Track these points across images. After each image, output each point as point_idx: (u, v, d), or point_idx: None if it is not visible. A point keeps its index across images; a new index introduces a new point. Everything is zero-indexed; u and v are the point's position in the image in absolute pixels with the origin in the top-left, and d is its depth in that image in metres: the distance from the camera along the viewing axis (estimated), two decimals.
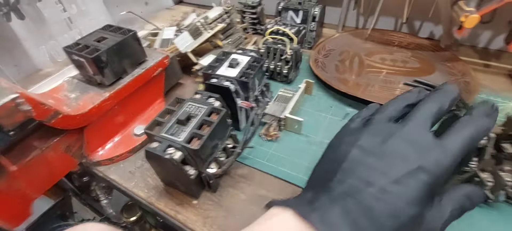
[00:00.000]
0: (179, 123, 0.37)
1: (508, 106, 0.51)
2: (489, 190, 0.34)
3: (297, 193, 0.40)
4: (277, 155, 0.45)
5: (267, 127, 0.47)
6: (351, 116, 0.51)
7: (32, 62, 0.71)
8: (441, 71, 0.59)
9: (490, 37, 0.66)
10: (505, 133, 0.34)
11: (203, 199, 0.41)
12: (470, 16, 0.47)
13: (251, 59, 0.47)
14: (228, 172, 0.43)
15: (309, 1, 0.69)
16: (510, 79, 0.58)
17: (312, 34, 0.69)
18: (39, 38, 0.69)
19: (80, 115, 0.42)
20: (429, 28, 0.71)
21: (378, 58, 0.64)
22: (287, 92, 0.51)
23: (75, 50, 0.43)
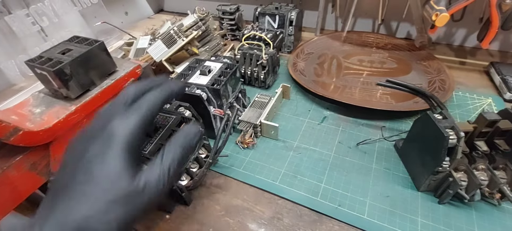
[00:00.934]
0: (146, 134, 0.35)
1: (485, 102, 0.52)
2: (463, 190, 0.33)
3: (274, 201, 0.39)
4: (254, 162, 0.44)
5: (243, 134, 0.46)
6: (329, 118, 0.51)
7: (4, 77, 0.69)
8: (417, 71, 0.59)
9: (465, 35, 0.67)
10: (478, 130, 0.34)
11: (177, 213, 0.39)
12: (440, 15, 0.48)
13: (224, 65, 0.46)
14: (203, 182, 0.42)
15: (286, 6, 0.69)
16: (485, 76, 0.59)
17: (291, 38, 0.69)
18: (10, 52, 0.67)
19: (43, 131, 0.40)
20: (405, 28, 0.72)
21: (356, 60, 0.64)
22: (264, 98, 0.51)
23: (37, 63, 0.41)
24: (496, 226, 0.34)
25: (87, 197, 0.20)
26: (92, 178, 0.20)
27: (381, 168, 0.41)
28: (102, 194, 0.20)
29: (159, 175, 0.21)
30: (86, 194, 0.20)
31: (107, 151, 0.21)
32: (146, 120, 0.23)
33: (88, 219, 0.19)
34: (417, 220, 0.35)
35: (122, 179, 0.20)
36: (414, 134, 0.39)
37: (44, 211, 0.20)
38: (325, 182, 0.40)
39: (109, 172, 0.20)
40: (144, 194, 0.21)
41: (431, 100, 0.38)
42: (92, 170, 0.20)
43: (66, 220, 0.19)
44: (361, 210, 0.36)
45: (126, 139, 0.21)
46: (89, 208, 0.19)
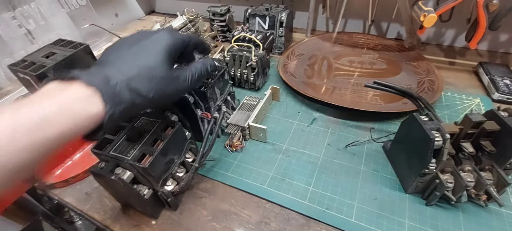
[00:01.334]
0: (129, 140, 0.34)
1: (474, 102, 0.52)
2: (450, 192, 0.33)
3: (262, 205, 0.39)
4: (242, 166, 0.43)
5: (231, 137, 0.45)
6: (318, 120, 0.51)
7: None
8: (407, 71, 0.59)
9: (454, 35, 0.68)
10: (464, 131, 0.34)
11: (163, 218, 0.38)
12: (428, 16, 0.48)
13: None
14: (190, 187, 0.41)
15: (277, 7, 0.69)
16: (474, 76, 0.59)
17: (281, 39, 0.68)
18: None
19: None
20: (395, 29, 0.72)
21: (346, 61, 0.64)
22: (253, 100, 0.50)
23: (20, 67, 0.40)
24: (483, 227, 0.34)
25: (135, 66, 0.27)
26: (141, 57, 0.27)
27: (370, 170, 0.41)
28: (147, 69, 0.27)
29: (186, 75, 0.31)
30: (135, 64, 0.27)
31: (157, 46, 0.29)
32: (185, 42, 0.31)
33: (132, 79, 0.26)
34: (405, 223, 0.35)
35: (162, 66, 0.28)
36: (401, 135, 0.39)
37: (94, 69, 0.26)
38: (313, 185, 0.40)
39: (154, 58, 0.28)
40: (175, 81, 0.29)
41: (418, 102, 0.38)
42: (142, 52, 0.28)
43: (113, 74, 0.25)
44: (348, 213, 0.36)
45: (170, 43, 0.29)
46: (137, 74, 0.26)
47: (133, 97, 0.26)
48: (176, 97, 0.31)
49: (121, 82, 0.25)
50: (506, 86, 0.51)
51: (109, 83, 0.25)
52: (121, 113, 0.26)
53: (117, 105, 0.25)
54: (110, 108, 0.24)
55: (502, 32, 0.63)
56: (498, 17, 0.49)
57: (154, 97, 0.27)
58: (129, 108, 0.26)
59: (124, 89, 0.25)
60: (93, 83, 0.24)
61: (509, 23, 0.58)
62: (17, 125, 0.21)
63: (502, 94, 0.50)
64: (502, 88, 0.50)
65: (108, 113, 0.24)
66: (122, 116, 0.26)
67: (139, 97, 0.26)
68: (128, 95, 0.26)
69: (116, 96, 0.25)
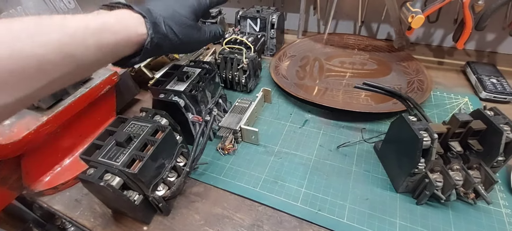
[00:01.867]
0: (119, 145, 0.34)
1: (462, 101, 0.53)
2: (440, 191, 0.34)
3: (254, 208, 0.39)
4: (234, 169, 0.43)
5: (223, 140, 0.45)
6: (310, 122, 0.51)
7: None
8: (397, 72, 0.60)
9: (442, 35, 0.69)
10: (451, 131, 0.34)
11: (155, 223, 0.38)
12: (416, 17, 0.49)
13: (202, 71, 0.46)
14: (182, 191, 0.41)
15: (268, 9, 0.69)
16: (462, 75, 0.60)
17: (273, 41, 0.69)
18: None
19: (12, 144, 0.38)
20: (385, 29, 0.73)
21: (337, 62, 0.65)
22: (244, 102, 0.50)
23: None
24: (472, 225, 0.34)
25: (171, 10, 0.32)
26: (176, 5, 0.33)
27: (361, 170, 0.41)
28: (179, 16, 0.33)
29: (206, 30, 0.38)
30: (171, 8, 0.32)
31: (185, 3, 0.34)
32: (207, 4, 0.37)
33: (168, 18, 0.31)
34: (396, 222, 0.35)
35: (191, 17, 0.34)
36: (391, 136, 0.39)
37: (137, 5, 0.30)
38: (305, 187, 0.40)
39: (186, 9, 0.34)
40: (199, 32, 0.36)
41: (407, 102, 0.39)
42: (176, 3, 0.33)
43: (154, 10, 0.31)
44: (340, 214, 0.36)
45: (194, 4, 0.35)
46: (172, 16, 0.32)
47: (168, 32, 0.31)
48: (198, 45, 0.37)
49: (160, 16, 0.30)
50: (493, 85, 0.52)
51: (152, 14, 0.30)
52: (158, 41, 0.30)
53: (156, 33, 0.30)
54: (152, 32, 0.29)
55: (488, 32, 0.64)
56: (483, 18, 0.50)
57: (183, 39, 0.33)
58: (163, 40, 0.31)
59: (162, 23, 0.31)
60: (139, 11, 0.29)
61: (495, 23, 0.60)
62: (87, 25, 0.25)
63: (489, 93, 0.51)
64: (489, 87, 0.52)
65: (150, 37, 0.29)
66: (158, 45, 0.31)
67: (172, 34, 0.32)
68: (165, 29, 0.31)
69: (157, 25, 0.30)
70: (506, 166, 0.38)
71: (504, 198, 0.37)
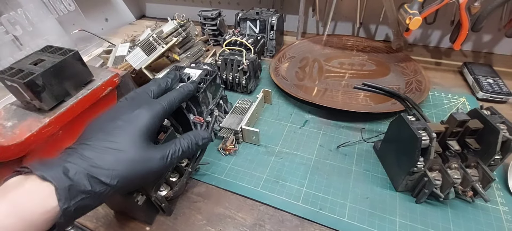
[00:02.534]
0: None
1: (459, 101, 0.53)
2: (438, 189, 0.34)
3: (256, 208, 0.39)
4: (236, 169, 0.44)
5: (224, 140, 0.46)
6: (310, 122, 0.51)
7: None
8: (395, 72, 0.60)
9: (440, 36, 0.70)
10: (449, 130, 0.35)
11: (157, 224, 0.38)
12: (413, 18, 0.49)
13: (203, 72, 0.46)
14: (184, 192, 0.41)
15: (267, 11, 0.69)
16: (459, 76, 0.61)
17: (273, 43, 0.69)
18: None
19: (15, 145, 0.38)
20: (383, 31, 0.74)
21: (336, 63, 0.65)
22: (245, 103, 0.51)
23: (8, 75, 0.39)
24: (470, 222, 0.35)
25: (101, 150, 0.26)
26: (114, 142, 0.26)
27: (361, 169, 0.42)
28: (114, 153, 0.26)
29: (165, 153, 0.29)
30: (101, 147, 0.26)
31: (130, 127, 0.28)
32: (165, 113, 0.32)
33: (94, 167, 0.25)
34: (396, 220, 0.35)
35: (133, 148, 0.27)
36: (390, 135, 0.40)
37: (71, 152, 0.26)
38: (306, 186, 0.40)
39: (127, 142, 0.27)
40: (148, 162, 0.28)
41: (406, 102, 0.39)
42: (117, 135, 0.27)
43: (74, 162, 0.24)
44: (341, 213, 0.37)
45: (147, 122, 0.29)
46: (100, 159, 0.25)
47: (93, 187, 0.24)
48: (149, 179, 0.29)
49: (80, 172, 0.24)
50: (489, 85, 0.53)
51: (68, 175, 0.23)
52: (78, 205, 0.24)
53: (73, 198, 0.23)
54: (64, 203, 0.23)
55: (484, 33, 0.65)
56: (479, 19, 0.51)
57: (119, 184, 0.26)
58: (89, 199, 0.24)
59: (83, 179, 0.24)
60: (48, 177, 0.23)
61: (491, 24, 0.61)
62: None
63: (486, 93, 0.52)
64: (486, 87, 0.52)
65: (62, 208, 0.22)
66: (81, 208, 0.24)
67: (100, 186, 0.25)
68: (88, 184, 0.24)
69: (73, 188, 0.23)
70: (503, 164, 0.39)
71: (501, 196, 0.37)
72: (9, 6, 0.66)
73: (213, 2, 0.91)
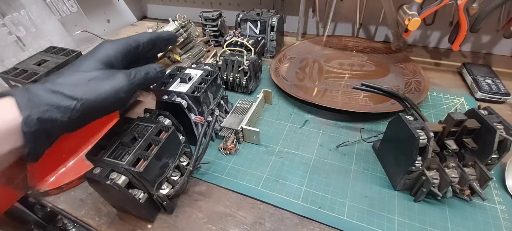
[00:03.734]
0: (124, 145, 0.35)
1: (458, 102, 0.54)
2: (436, 188, 0.35)
3: (256, 206, 0.39)
4: (236, 168, 0.44)
5: (225, 140, 0.46)
6: (310, 122, 0.52)
7: None
8: (394, 73, 0.61)
9: (439, 37, 0.70)
10: (447, 130, 0.36)
11: (159, 222, 0.39)
12: (412, 19, 0.50)
13: (204, 72, 0.47)
14: (185, 190, 0.42)
15: (267, 12, 0.70)
16: (458, 76, 0.61)
17: (273, 43, 0.70)
18: None
19: None
20: (383, 31, 0.74)
21: (336, 64, 0.66)
22: (245, 103, 0.51)
23: (12, 75, 0.40)
24: (468, 221, 0.35)
25: (66, 72, 0.26)
26: (78, 68, 0.27)
27: (360, 169, 0.42)
28: (77, 74, 0.26)
29: (128, 73, 0.29)
30: (66, 71, 0.27)
31: (93, 55, 0.28)
32: (130, 45, 0.31)
33: (57, 84, 0.25)
34: (394, 219, 0.36)
35: (96, 69, 0.27)
36: (388, 135, 0.40)
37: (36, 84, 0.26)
38: (306, 185, 0.41)
39: (88, 62, 0.27)
40: (111, 79, 0.27)
41: (404, 102, 0.40)
42: (80, 64, 0.27)
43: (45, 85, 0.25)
44: (340, 211, 0.37)
45: (109, 51, 0.29)
46: (64, 78, 0.26)
47: (57, 100, 0.24)
48: (115, 102, 0.28)
49: (42, 87, 0.24)
50: (488, 85, 0.53)
51: (29, 90, 0.24)
52: (43, 117, 0.23)
53: (34, 107, 0.23)
54: (25, 110, 0.22)
55: (483, 34, 0.65)
56: (478, 20, 0.52)
57: (84, 100, 0.25)
58: (55, 111, 0.24)
59: (46, 93, 0.24)
60: (10, 93, 0.23)
61: (489, 25, 0.61)
62: None
63: (485, 93, 0.52)
64: (484, 87, 0.53)
65: (24, 116, 0.22)
66: (47, 120, 0.23)
67: (65, 100, 0.24)
68: (51, 98, 0.24)
69: (35, 98, 0.23)
70: (501, 164, 0.39)
71: (498, 195, 0.38)
72: (12, 8, 0.66)
73: (214, 3, 0.92)
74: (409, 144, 0.34)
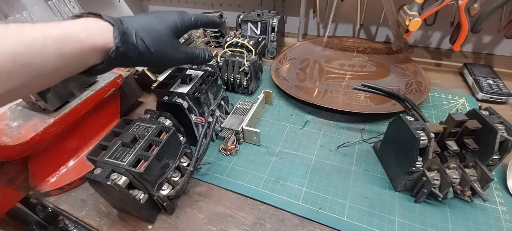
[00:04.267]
0: (124, 146, 0.35)
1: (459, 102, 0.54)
2: (437, 189, 0.35)
3: (257, 207, 0.39)
4: (236, 169, 0.44)
5: (225, 141, 0.46)
6: (310, 123, 0.52)
7: None
8: (395, 73, 0.61)
9: (440, 37, 0.70)
10: (448, 130, 0.35)
11: (159, 222, 0.39)
12: (413, 20, 0.50)
13: (205, 73, 0.47)
14: (185, 191, 0.42)
15: (268, 13, 0.70)
16: (459, 76, 0.61)
17: (274, 44, 0.70)
18: None
19: (20, 145, 0.39)
20: (384, 32, 0.74)
21: (337, 64, 0.66)
22: (246, 104, 0.51)
23: None
24: (469, 222, 0.35)
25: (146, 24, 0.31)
26: (152, 21, 0.32)
27: (361, 169, 0.42)
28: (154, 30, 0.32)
29: (186, 49, 0.37)
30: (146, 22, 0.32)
31: (165, 17, 0.34)
32: (192, 22, 0.36)
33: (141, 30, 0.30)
34: (395, 220, 0.36)
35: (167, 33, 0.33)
36: (389, 135, 0.40)
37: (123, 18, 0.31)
38: (306, 186, 0.41)
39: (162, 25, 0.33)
40: (175, 48, 0.35)
41: (405, 103, 0.40)
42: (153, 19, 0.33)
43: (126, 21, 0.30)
44: (341, 212, 0.37)
45: (176, 20, 0.34)
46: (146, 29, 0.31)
47: (139, 44, 0.30)
48: (172, 63, 0.36)
49: (132, 28, 0.30)
50: (489, 86, 0.53)
51: (123, 25, 0.29)
52: (125, 51, 0.29)
53: (123, 43, 0.29)
54: (118, 41, 0.28)
55: (484, 35, 0.65)
56: (479, 21, 0.52)
57: (155, 53, 0.32)
58: (132, 51, 0.30)
59: (133, 34, 0.30)
60: (109, 20, 0.28)
61: (491, 26, 0.61)
62: (48, 34, 0.24)
63: (486, 93, 0.52)
64: (486, 88, 0.53)
65: (115, 45, 0.28)
66: (125, 55, 0.29)
67: (143, 47, 0.30)
68: (135, 40, 0.30)
69: (126, 35, 0.29)
70: (502, 164, 0.39)
71: (500, 196, 0.37)
72: (14, 9, 0.67)
73: (215, 4, 0.92)
74: (409, 145, 0.34)
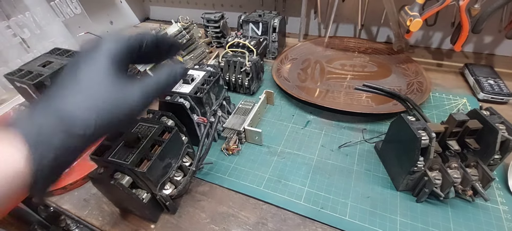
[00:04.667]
0: (127, 145, 0.35)
1: (460, 102, 0.54)
2: (439, 188, 0.35)
3: (259, 206, 0.40)
4: (238, 169, 0.44)
5: (227, 141, 0.46)
6: (312, 123, 0.52)
7: None
8: (396, 74, 0.61)
9: (441, 38, 0.70)
10: (449, 130, 0.36)
11: (162, 222, 0.39)
12: (414, 20, 0.50)
13: (207, 73, 0.47)
14: (188, 190, 0.42)
15: (269, 13, 0.70)
16: (461, 77, 0.61)
17: (275, 44, 0.70)
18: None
19: None
20: (385, 32, 0.74)
21: (338, 65, 0.66)
22: (248, 104, 0.51)
23: (17, 76, 0.41)
24: (470, 221, 0.35)
25: (73, 95, 0.21)
26: (79, 81, 0.22)
27: (362, 169, 0.43)
28: (86, 93, 0.21)
29: (142, 92, 0.23)
30: (73, 92, 0.21)
31: (93, 60, 0.22)
32: (133, 43, 0.24)
33: (71, 112, 0.21)
34: (396, 219, 0.36)
35: (105, 84, 0.22)
36: (391, 135, 0.40)
37: (38, 101, 0.22)
38: (308, 186, 0.41)
39: (93, 77, 0.22)
40: (126, 101, 0.22)
41: (406, 103, 0.40)
42: (79, 74, 0.22)
43: (52, 108, 0.21)
44: (342, 212, 0.37)
45: (111, 51, 0.23)
46: (73, 103, 0.21)
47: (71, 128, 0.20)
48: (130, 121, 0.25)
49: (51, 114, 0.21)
50: (490, 86, 0.53)
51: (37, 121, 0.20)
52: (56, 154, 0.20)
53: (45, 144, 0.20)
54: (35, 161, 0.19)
55: (485, 35, 0.65)
56: (480, 21, 0.52)
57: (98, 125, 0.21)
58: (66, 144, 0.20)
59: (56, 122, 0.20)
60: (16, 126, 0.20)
61: (491, 26, 0.61)
62: None
63: (487, 94, 0.52)
64: (487, 88, 0.53)
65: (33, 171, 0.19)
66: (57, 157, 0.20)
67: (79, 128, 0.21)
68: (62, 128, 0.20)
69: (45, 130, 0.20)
70: (503, 164, 0.39)
71: (501, 195, 0.38)
72: (17, 10, 0.67)
73: (216, 5, 0.92)
74: (411, 145, 0.34)
